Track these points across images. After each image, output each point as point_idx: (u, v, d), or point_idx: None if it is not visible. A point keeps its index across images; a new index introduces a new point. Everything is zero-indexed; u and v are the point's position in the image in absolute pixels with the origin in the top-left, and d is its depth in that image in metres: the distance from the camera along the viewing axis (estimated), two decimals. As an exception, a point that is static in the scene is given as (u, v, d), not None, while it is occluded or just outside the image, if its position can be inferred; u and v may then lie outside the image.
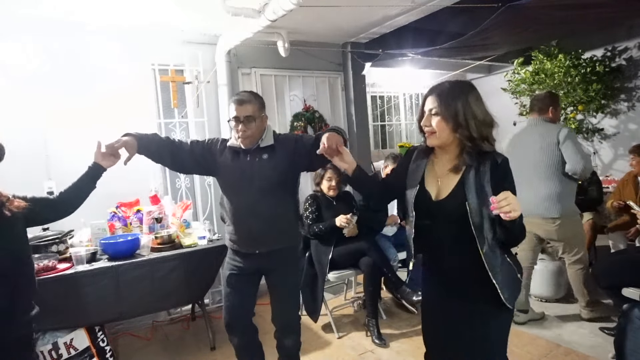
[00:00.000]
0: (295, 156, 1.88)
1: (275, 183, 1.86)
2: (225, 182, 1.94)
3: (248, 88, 3.60)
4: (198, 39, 3.37)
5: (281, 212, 1.92)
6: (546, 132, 2.66)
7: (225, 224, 2.05)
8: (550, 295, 3.17)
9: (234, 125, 1.84)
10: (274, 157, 1.87)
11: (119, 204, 2.88)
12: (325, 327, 3.01)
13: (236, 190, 1.90)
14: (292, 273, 2.06)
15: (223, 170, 1.92)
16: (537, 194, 2.66)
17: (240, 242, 1.94)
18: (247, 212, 1.87)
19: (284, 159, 1.87)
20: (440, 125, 1.31)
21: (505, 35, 3.73)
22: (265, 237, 1.90)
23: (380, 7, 3.01)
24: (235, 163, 1.88)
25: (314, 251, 2.94)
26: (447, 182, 1.35)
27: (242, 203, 1.88)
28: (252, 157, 1.87)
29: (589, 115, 5.11)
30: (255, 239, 1.90)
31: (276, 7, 2.50)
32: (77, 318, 2.32)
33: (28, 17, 2.72)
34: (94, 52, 2.96)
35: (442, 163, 1.39)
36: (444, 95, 1.32)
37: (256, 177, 1.85)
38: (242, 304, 2.01)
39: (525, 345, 2.59)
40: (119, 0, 2.59)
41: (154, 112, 3.28)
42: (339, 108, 4.20)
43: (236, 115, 1.82)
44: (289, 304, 2.06)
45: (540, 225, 2.70)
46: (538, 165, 2.66)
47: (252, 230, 1.89)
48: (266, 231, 1.88)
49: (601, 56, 4.89)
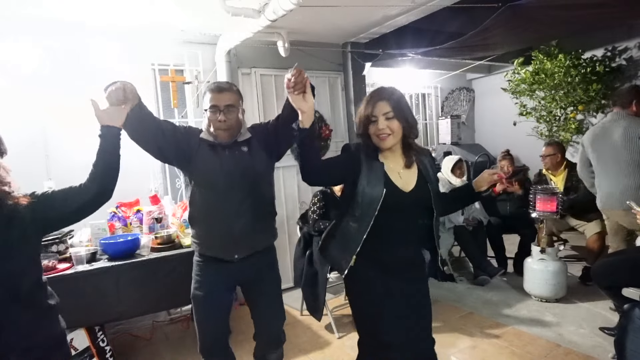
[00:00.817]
0: (268, 141, 1.77)
1: (257, 177, 1.75)
2: (202, 178, 1.72)
3: (248, 88, 3.61)
4: (198, 39, 3.37)
5: (263, 209, 1.79)
6: (629, 125, 2.74)
7: (194, 227, 1.81)
8: (550, 295, 3.17)
9: (211, 115, 1.67)
10: (252, 149, 1.74)
11: (119, 204, 2.88)
12: (325, 327, 3.01)
13: (216, 187, 1.70)
14: (276, 279, 1.90)
15: (201, 164, 1.70)
16: (619, 186, 2.75)
17: (217, 247, 1.74)
18: (228, 211, 1.69)
19: (260, 148, 1.76)
20: (397, 126, 1.50)
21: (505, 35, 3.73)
22: (247, 238, 1.73)
23: (380, 7, 3.01)
24: (215, 157, 1.70)
25: (316, 248, 2.94)
26: (409, 175, 1.57)
27: (223, 201, 1.69)
28: (230, 152, 1.71)
29: (589, 115, 5.11)
30: (236, 241, 1.72)
31: (276, 7, 2.50)
32: (77, 318, 2.31)
33: (28, 17, 2.72)
34: (94, 52, 2.96)
35: (394, 160, 1.57)
36: (395, 100, 1.51)
37: (238, 172, 1.69)
38: (220, 327, 1.82)
39: (525, 345, 2.60)
40: (119, 0, 2.59)
41: (154, 112, 3.25)
42: (339, 108, 4.20)
43: (215, 104, 1.66)
44: (277, 315, 1.90)
45: (624, 216, 2.74)
46: (620, 158, 2.75)
47: (234, 230, 1.70)
48: (248, 231, 1.73)
49: (601, 56, 4.89)
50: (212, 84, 1.74)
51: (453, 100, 6.40)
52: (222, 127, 1.67)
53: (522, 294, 3.34)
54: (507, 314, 3.06)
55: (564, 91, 4.68)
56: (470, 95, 6.52)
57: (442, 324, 2.96)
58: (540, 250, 3.19)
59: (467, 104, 6.45)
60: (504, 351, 2.55)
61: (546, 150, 3.72)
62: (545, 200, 3.15)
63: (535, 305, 3.16)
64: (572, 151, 5.45)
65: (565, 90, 4.66)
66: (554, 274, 3.14)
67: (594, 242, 3.41)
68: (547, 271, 3.15)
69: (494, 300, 3.31)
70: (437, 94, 6.23)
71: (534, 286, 3.23)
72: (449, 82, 6.14)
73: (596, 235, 3.41)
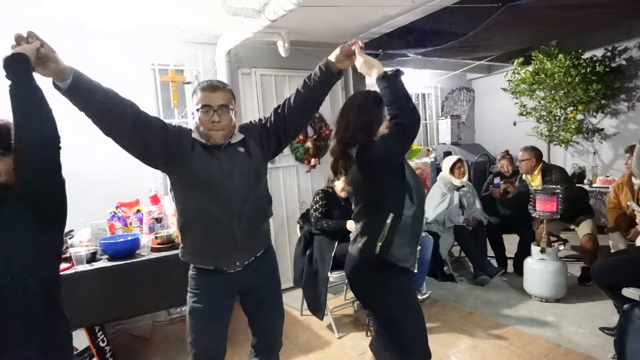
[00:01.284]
0: (262, 139, 1.70)
1: (257, 177, 1.67)
2: (200, 182, 1.56)
3: (248, 88, 3.61)
4: (198, 39, 3.37)
5: (261, 210, 1.71)
6: None
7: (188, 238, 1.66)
8: (550, 295, 3.17)
9: (204, 115, 1.55)
10: (249, 149, 1.65)
11: (119, 204, 2.88)
12: (325, 327, 3.01)
13: (215, 191, 1.55)
14: (277, 283, 1.81)
15: (199, 167, 1.54)
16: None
17: (217, 256, 1.62)
18: (229, 215, 1.57)
19: (255, 147, 1.67)
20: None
21: (505, 35, 3.74)
22: (248, 242, 1.63)
23: (380, 7, 3.00)
24: (212, 159, 1.58)
25: (317, 246, 2.95)
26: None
27: (224, 205, 1.56)
28: (227, 153, 1.60)
29: (589, 115, 5.12)
30: (238, 246, 1.60)
31: (276, 7, 2.50)
32: (77, 318, 2.31)
33: (28, 17, 2.71)
34: (94, 52, 2.96)
35: None
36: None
37: (239, 173, 1.59)
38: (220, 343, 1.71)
39: (525, 345, 2.60)
40: (119, 0, 2.59)
41: (154, 112, 3.28)
42: (338, 108, 4.18)
43: (208, 103, 1.55)
44: (278, 323, 1.79)
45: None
46: None
47: (235, 235, 1.58)
48: (249, 235, 1.63)
49: (601, 56, 4.89)
50: (204, 83, 1.62)
51: (453, 100, 6.41)
52: (216, 128, 1.56)
53: (522, 294, 3.34)
54: (507, 314, 3.06)
55: (564, 91, 4.69)
56: (470, 95, 6.52)
57: (442, 324, 2.96)
58: (540, 250, 3.19)
59: (467, 104, 6.46)
60: (504, 351, 2.55)
61: (522, 155, 3.78)
62: (545, 200, 3.16)
63: (535, 305, 3.16)
64: (572, 151, 5.46)
65: (565, 90, 4.67)
66: (554, 274, 3.14)
67: (586, 243, 3.44)
68: (547, 271, 3.15)
69: (494, 300, 3.31)
70: (437, 94, 6.23)
71: (534, 286, 3.23)
72: (449, 82, 6.14)
73: (587, 237, 3.44)
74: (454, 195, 3.80)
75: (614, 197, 3.53)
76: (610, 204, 3.54)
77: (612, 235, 3.52)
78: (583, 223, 3.52)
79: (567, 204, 3.25)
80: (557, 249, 3.26)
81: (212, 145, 1.59)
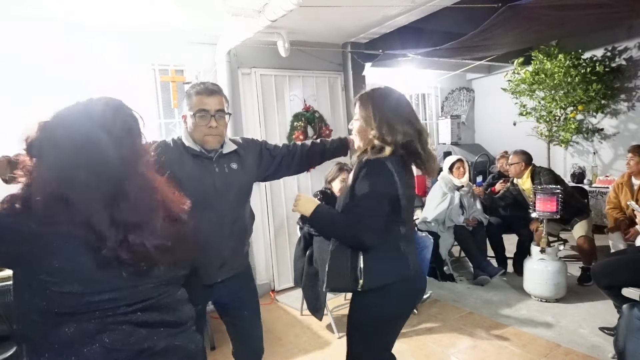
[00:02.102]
0: (262, 162, 1.69)
1: (247, 194, 1.65)
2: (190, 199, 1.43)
3: (248, 88, 3.61)
4: (198, 39, 3.37)
5: (248, 226, 1.70)
6: None
7: None
8: (550, 295, 3.17)
9: (200, 120, 1.49)
10: (242, 164, 1.60)
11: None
12: (325, 327, 3.01)
13: (206, 209, 1.47)
14: (253, 290, 1.79)
15: (189, 183, 1.33)
16: None
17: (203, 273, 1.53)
18: (219, 234, 1.52)
19: (252, 165, 1.64)
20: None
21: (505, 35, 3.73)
22: (233, 260, 1.60)
23: (380, 7, 3.01)
24: (205, 174, 1.52)
25: (316, 247, 2.95)
26: None
27: (214, 223, 1.50)
28: (220, 168, 1.55)
29: (589, 115, 5.12)
30: (223, 264, 1.57)
31: (276, 7, 2.50)
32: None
33: (28, 17, 2.72)
34: (94, 52, 2.96)
35: None
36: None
37: (232, 190, 1.55)
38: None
39: (525, 345, 2.60)
40: (119, 0, 2.59)
41: (154, 112, 3.29)
42: (339, 108, 4.20)
43: (205, 107, 1.49)
44: (257, 331, 1.77)
45: None
46: None
47: (223, 254, 1.55)
48: (237, 253, 1.62)
49: (601, 56, 4.89)
50: (199, 86, 1.54)
51: (453, 100, 6.41)
52: (212, 134, 1.51)
53: (522, 294, 3.34)
54: (507, 314, 3.06)
55: (564, 91, 4.69)
56: (470, 95, 6.52)
57: (442, 324, 2.96)
58: (540, 250, 3.19)
59: (467, 104, 6.46)
60: (504, 351, 2.55)
61: (511, 159, 3.81)
62: (545, 200, 3.16)
63: (535, 305, 3.16)
64: (572, 151, 5.46)
65: (565, 90, 4.67)
66: (554, 274, 3.14)
67: (582, 244, 3.44)
68: (547, 271, 3.15)
69: (494, 300, 3.31)
70: (437, 94, 6.23)
71: (534, 286, 3.24)
72: (449, 82, 6.14)
73: (583, 238, 3.44)
74: (455, 195, 3.80)
75: (614, 197, 3.53)
76: (610, 203, 3.54)
77: (612, 235, 3.53)
78: (577, 226, 3.52)
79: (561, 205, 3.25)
80: (556, 249, 3.26)
81: (204, 155, 1.53)
